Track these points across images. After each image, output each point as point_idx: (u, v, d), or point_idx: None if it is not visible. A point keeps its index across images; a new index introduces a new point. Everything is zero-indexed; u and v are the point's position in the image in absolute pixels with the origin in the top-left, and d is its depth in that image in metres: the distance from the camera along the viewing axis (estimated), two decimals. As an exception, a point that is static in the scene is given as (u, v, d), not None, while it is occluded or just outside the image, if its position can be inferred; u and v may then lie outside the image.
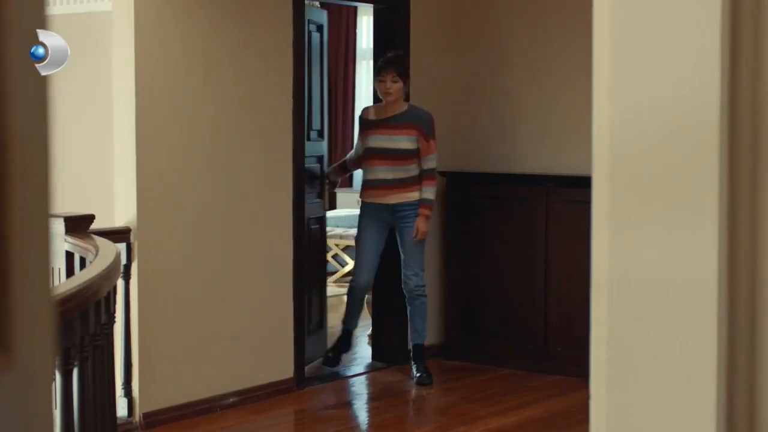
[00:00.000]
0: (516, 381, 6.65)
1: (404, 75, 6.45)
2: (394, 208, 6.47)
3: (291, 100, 6.32)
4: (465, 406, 6.12)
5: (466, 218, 7.11)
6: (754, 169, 3.27)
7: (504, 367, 6.84)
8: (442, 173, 7.11)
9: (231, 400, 6.06)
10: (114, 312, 4.03)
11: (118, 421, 5.01)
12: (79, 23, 5.81)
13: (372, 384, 6.69)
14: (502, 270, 6.94)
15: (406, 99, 6.66)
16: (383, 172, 6.44)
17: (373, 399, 6.39)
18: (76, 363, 3.41)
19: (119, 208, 5.72)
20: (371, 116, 6.54)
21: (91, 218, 5.14)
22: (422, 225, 6.43)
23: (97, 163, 5.92)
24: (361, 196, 6.64)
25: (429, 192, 6.46)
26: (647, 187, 3.36)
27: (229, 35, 6.00)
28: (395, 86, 6.42)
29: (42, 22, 1.36)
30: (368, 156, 6.50)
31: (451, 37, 7.23)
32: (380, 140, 6.45)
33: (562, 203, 6.68)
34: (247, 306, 6.17)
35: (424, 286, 6.60)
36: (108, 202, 5.76)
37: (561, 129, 6.87)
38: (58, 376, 3.34)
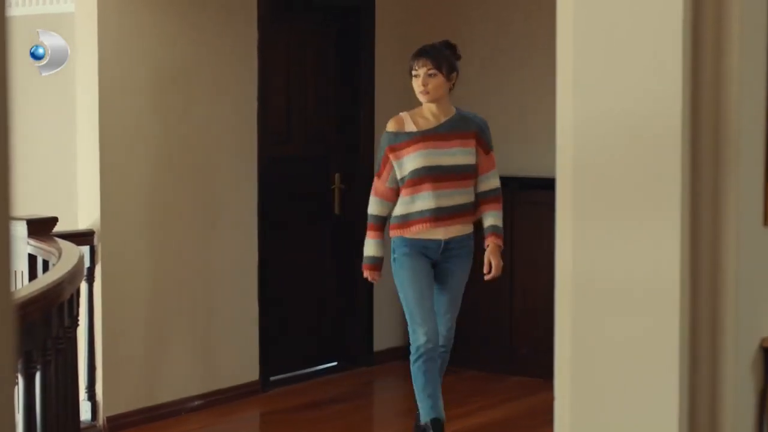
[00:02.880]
0: (481, 383, 6.67)
1: (445, 68, 5.05)
2: (445, 245, 5.08)
3: (256, 102, 6.31)
4: (430, 408, 6.12)
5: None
6: (715, 169, 3.30)
7: (469, 368, 6.85)
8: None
9: (196, 402, 6.04)
10: (77, 315, 4.01)
11: (82, 425, 4.99)
12: (42, 24, 5.77)
13: (337, 386, 6.68)
14: (466, 272, 6.95)
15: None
16: (437, 198, 4.99)
17: (339, 401, 6.38)
18: (38, 366, 3.38)
19: (83, 211, 5.69)
20: (409, 127, 5.05)
21: (54, 221, 5.12)
22: (497, 258, 5.11)
23: (60, 165, 5.89)
24: (398, 232, 5.08)
25: (497, 217, 5.14)
26: (610, 188, 3.38)
27: (195, 36, 5.98)
28: (433, 81, 5.04)
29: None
30: (414, 179, 5.00)
31: (417, 36, 7.24)
32: (431, 156, 5.00)
33: (526, 205, 6.70)
34: (212, 308, 6.15)
35: (453, 338, 5.27)
36: (71, 205, 5.73)
37: (525, 131, 6.90)
38: (20, 380, 3.32)
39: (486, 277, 5.13)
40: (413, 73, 5.10)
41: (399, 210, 5.07)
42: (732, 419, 3.29)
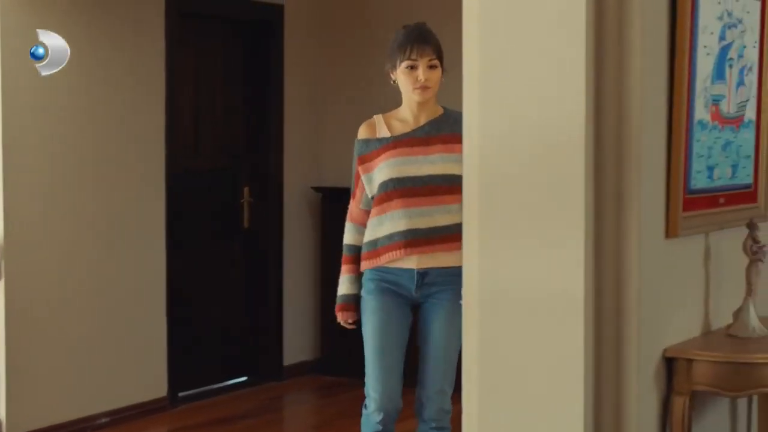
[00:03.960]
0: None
1: (442, 58, 4.12)
2: (421, 278, 4.05)
3: (164, 115, 6.25)
4: (341, 422, 6.12)
5: (342, 232, 7.11)
6: (618, 183, 3.35)
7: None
8: (317, 189, 7.12)
9: (103, 420, 5.96)
10: (-21, 331, 3.93)
11: (-15, 444, 4.89)
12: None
13: (247, 401, 6.64)
14: (376, 285, 6.95)
15: None
16: (410, 217, 4.00)
17: (248, 416, 6.35)
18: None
19: (-15, 225, 5.59)
20: (382, 133, 4.11)
21: (-45, 235, 5.01)
22: None
23: (-38, 179, 5.77)
24: (366, 264, 4.11)
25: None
26: (515, 201, 3.42)
27: (101, 48, 5.91)
28: (434, 75, 4.06)
29: None
30: (382, 195, 4.05)
31: (325, 50, 7.24)
32: (401, 165, 4.02)
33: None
34: (119, 324, 6.07)
35: (450, 411, 4.12)
36: (-26, 219, 5.62)
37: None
38: None
39: (451, 333, 4.05)
40: (409, 64, 4.02)
41: (367, 236, 4.09)
42: (635, 427, 3.34)
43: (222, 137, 6.88)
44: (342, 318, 4.19)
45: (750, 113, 4.08)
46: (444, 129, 4.08)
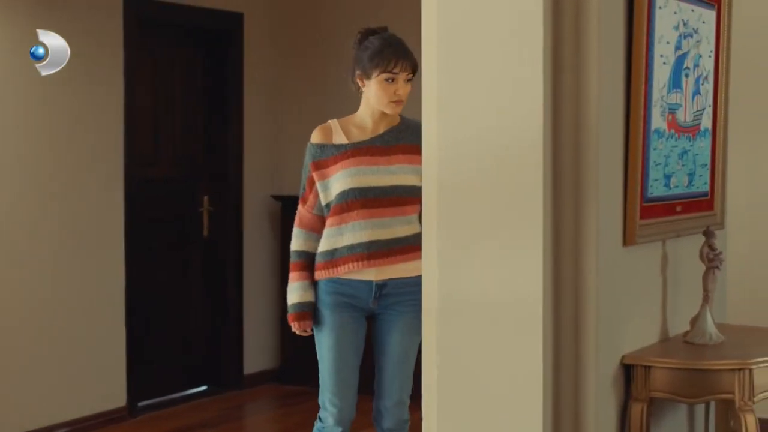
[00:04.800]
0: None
1: (416, 73, 4.00)
2: (379, 289, 4.01)
3: (122, 124, 6.22)
4: (302, 431, 6.11)
5: (301, 242, 7.10)
6: (576, 192, 3.38)
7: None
8: (277, 197, 7.11)
9: (62, 430, 5.92)
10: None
11: (-60, 456, 4.84)
12: None
13: (207, 410, 6.61)
14: (337, 293, 6.94)
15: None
16: (372, 228, 3.96)
17: (208, 425, 6.32)
18: None
19: (-59, 235, 5.53)
20: (338, 139, 4.04)
21: None
22: None
23: None
24: (323, 274, 4.04)
25: None
26: (474, 210, 3.43)
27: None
28: (407, 89, 4.02)
29: None
30: (342, 204, 3.98)
31: (285, 59, 7.24)
32: (362, 175, 3.97)
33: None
34: (78, 333, 6.03)
35: (408, 421, 4.13)
36: (-71, 229, 5.56)
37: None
38: None
39: (408, 345, 4.06)
40: (389, 77, 3.95)
41: (323, 245, 4.01)
42: (594, 434, 3.36)
43: (181, 146, 6.85)
44: (299, 327, 4.06)
45: (706, 122, 4.12)
46: (404, 138, 4.03)
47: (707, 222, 4.13)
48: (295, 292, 4.03)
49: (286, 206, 7.12)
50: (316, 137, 4.06)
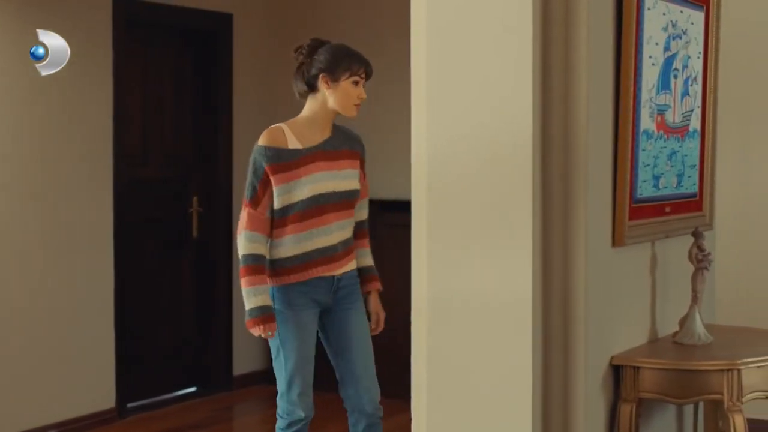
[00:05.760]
0: (339, 405, 6.66)
1: None
2: (338, 282, 4.15)
3: (111, 124, 6.20)
4: None
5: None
6: (565, 193, 3.38)
7: (326, 391, 6.84)
8: (267, 198, 7.10)
9: (51, 432, 5.91)
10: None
11: (-71, 458, 4.82)
12: None
13: (196, 411, 6.60)
14: (326, 294, 6.93)
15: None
16: (338, 230, 4.11)
17: (198, 427, 6.31)
18: None
19: (-70, 236, 5.52)
20: (292, 144, 4.10)
21: None
22: (381, 308, 4.33)
23: None
24: (296, 278, 4.09)
25: (371, 256, 4.31)
26: (464, 211, 3.43)
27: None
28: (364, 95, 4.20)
29: None
30: (312, 209, 4.06)
31: (274, 59, 7.23)
32: (327, 180, 4.07)
33: (386, 227, 6.74)
34: (67, 334, 6.01)
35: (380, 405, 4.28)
36: None
37: (385, 153, 6.95)
38: None
39: (372, 333, 4.27)
40: (357, 80, 4.07)
41: (292, 250, 4.07)
42: (583, 435, 3.37)
43: (171, 147, 6.83)
44: (264, 330, 4.06)
45: (695, 123, 4.13)
46: (345, 144, 4.17)
47: (696, 223, 4.14)
48: (257, 296, 4.04)
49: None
50: (269, 140, 4.12)
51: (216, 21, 6.95)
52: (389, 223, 6.79)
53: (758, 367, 3.65)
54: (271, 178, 4.05)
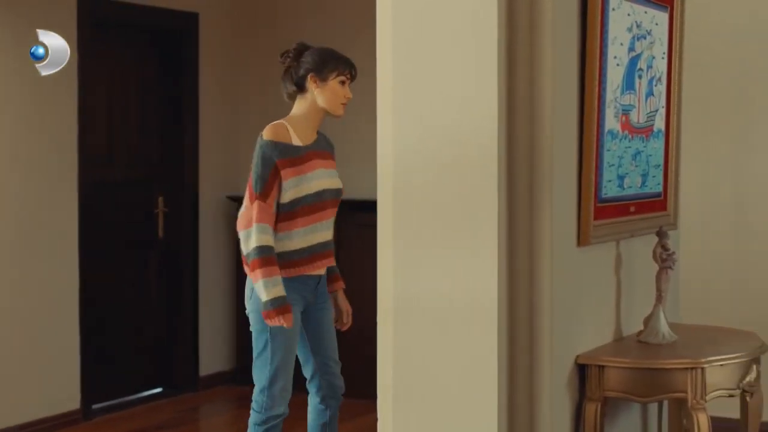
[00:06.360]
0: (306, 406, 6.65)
1: None
2: (320, 280, 4.29)
3: (76, 125, 6.17)
4: (257, 432, 6.09)
5: (257, 243, 7.07)
6: (530, 193, 3.39)
7: (300, 391, 6.83)
8: (233, 198, 7.08)
9: (14, 434, 5.88)
10: None
11: None
12: None
13: (162, 412, 6.58)
14: (293, 294, 6.92)
15: None
16: (330, 227, 4.27)
17: (163, 428, 6.28)
18: None
19: None
20: (295, 140, 4.17)
21: None
22: (348, 304, 4.47)
23: None
24: (300, 270, 4.18)
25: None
26: (429, 212, 3.44)
27: (9, 56, 5.82)
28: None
29: None
30: (317, 204, 4.17)
31: (240, 59, 7.22)
32: (328, 177, 4.23)
33: (353, 227, 6.74)
34: (31, 335, 5.97)
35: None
36: None
37: (353, 153, 6.96)
38: None
39: (343, 328, 4.44)
40: (344, 80, 4.21)
41: (299, 243, 4.14)
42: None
43: (136, 147, 6.80)
44: (285, 320, 4.03)
45: (659, 123, 4.16)
46: (327, 146, 4.32)
47: (660, 222, 4.16)
48: (275, 287, 4.01)
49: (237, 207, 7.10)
50: (276, 135, 4.13)
51: (182, 20, 6.92)
52: (357, 223, 6.79)
53: (722, 365, 3.68)
54: (281, 172, 4.09)
